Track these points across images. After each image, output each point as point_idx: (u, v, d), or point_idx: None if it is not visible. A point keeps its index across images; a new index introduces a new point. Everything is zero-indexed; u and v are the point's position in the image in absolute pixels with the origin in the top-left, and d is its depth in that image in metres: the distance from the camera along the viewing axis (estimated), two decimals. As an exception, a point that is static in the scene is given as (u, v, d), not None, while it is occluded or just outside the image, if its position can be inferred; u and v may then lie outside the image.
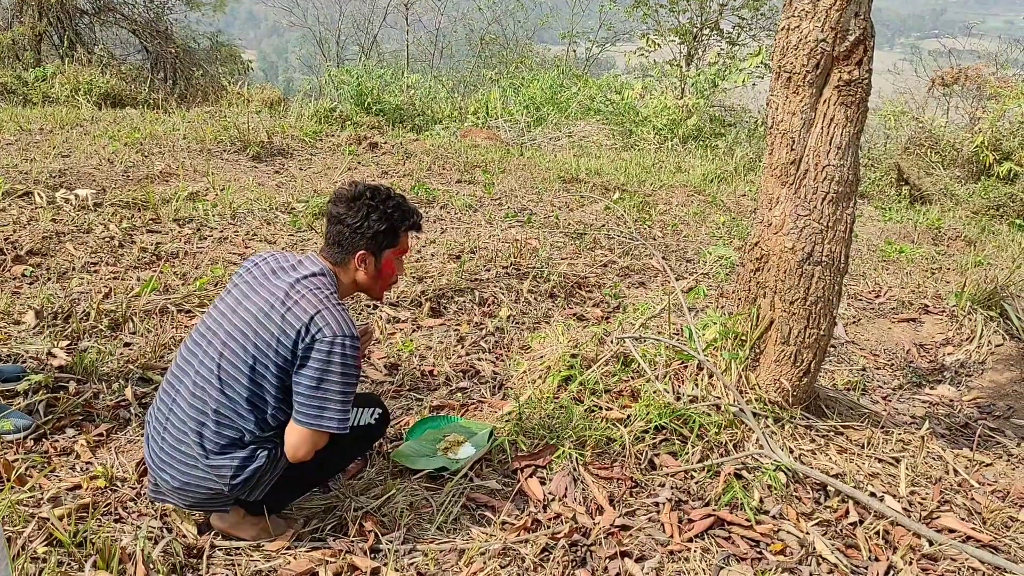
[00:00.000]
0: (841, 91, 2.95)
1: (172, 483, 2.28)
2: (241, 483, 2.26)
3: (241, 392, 2.24)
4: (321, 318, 2.21)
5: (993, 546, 2.69)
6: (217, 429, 2.25)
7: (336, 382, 2.22)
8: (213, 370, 2.26)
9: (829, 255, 3.05)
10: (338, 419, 2.24)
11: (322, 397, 2.22)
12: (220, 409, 2.24)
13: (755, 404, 3.20)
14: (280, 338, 2.21)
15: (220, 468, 2.25)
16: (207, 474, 2.25)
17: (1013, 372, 4.35)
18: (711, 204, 7.58)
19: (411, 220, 2.43)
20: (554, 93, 12.26)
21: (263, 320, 2.24)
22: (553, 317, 4.42)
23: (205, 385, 2.27)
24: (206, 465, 2.24)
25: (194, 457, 2.25)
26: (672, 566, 2.44)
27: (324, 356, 2.19)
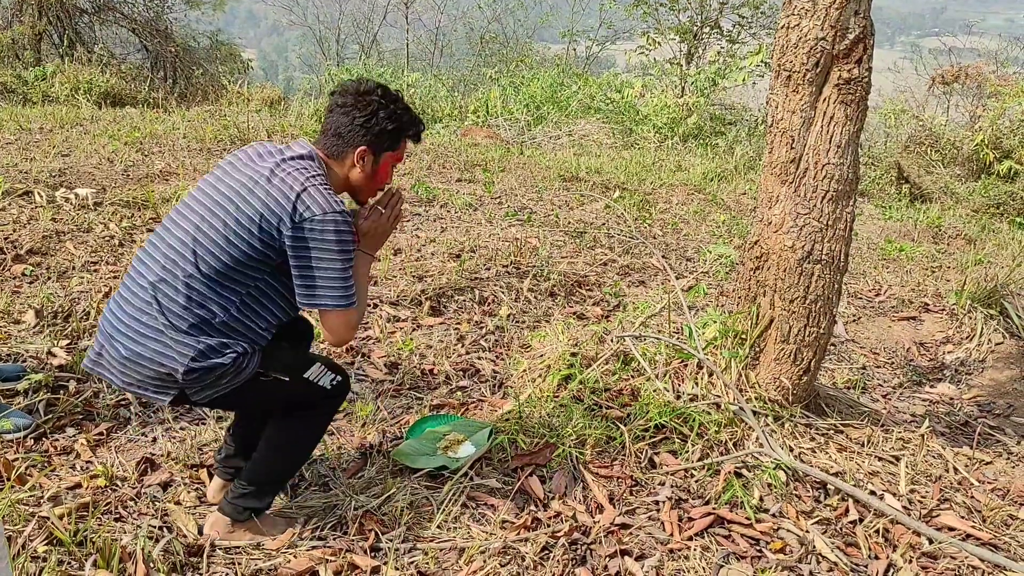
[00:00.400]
0: (841, 89, 2.95)
1: (121, 353, 2.13)
2: (199, 372, 2.11)
3: (215, 266, 2.11)
4: (308, 196, 2.11)
5: (993, 544, 2.69)
6: (186, 304, 2.11)
7: (332, 259, 2.13)
8: (188, 243, 2.13)
9: (829, 253, 3.05)
10: (343, 295, 2.17)
11: (325, 277, 2.14)
12: (191, 283, 2.11)
13: (755, 402, 3.21)
14: (264, 213, 2.10)
15: (183, 345, 2.10)
16: (165, 349, 2.10)
17: (1013, 370, 4.35)
18: (711, 202, 7.58)
19: (417, 127, 2.37)
20: (554, 92, 12.25)
21: (246, 195, 2.13)
22: (553, 316, 4.42)
23: (178, 258, 2.13)
24: (170, 339, 2.10)
25: (157, 329, 2.11)
26: (672, 564, 2.45)
27: (317, 236, 2.10)
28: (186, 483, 2.66)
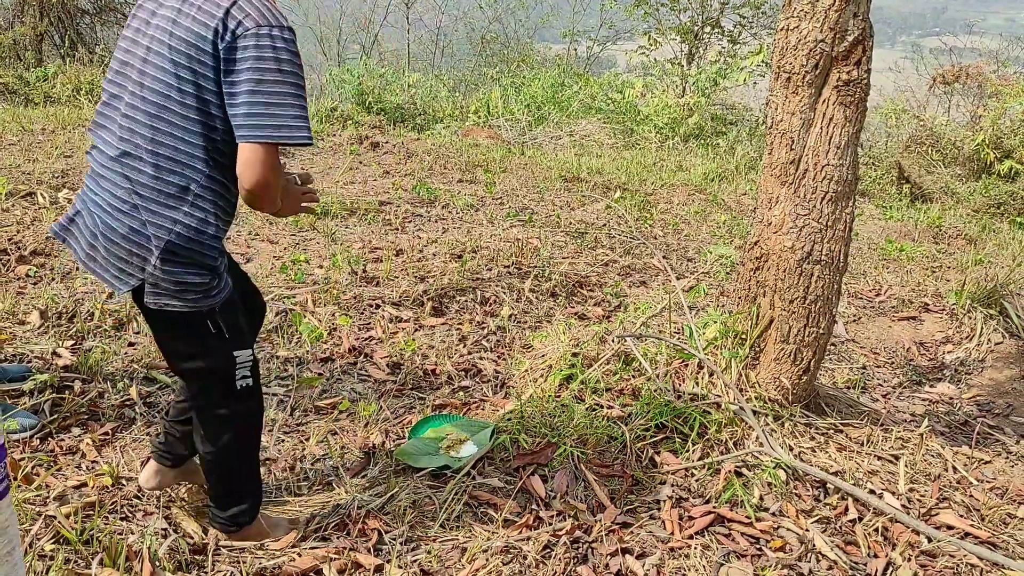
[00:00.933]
0: (840, 91, 2.97)
1: (97, 223, 2.01)
2: (173, 263, 1.96)
3: (172, 120, 1.92)
4: (239, 9, 1.86)
5: (991, 542, 2.71)
6: (155, 173, 1.94)
7: (275, 81, 1.85)
8: (137, 104, 1.95)
9: (828, 254, 3.07)
10: (291, 126, 1.88)
11: (265, 102, 1.85)
12: (154, 148, 1.93)
13: (755, 402, 3.23)
14: (201, 32, 1.87)
15: (161, 218, 1.95)
16: (141, 228, 1.96)
17: (1013, 370, 4.37)
18: (712, 203, 7.59)
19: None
20: (555, 92, 12.27)
21: (179, 19, 1.90)
22: (554, 316, 4.44)
23: (133, 124, 1.96)
24: (145, 215, 1.95)
25: (132, 205, 1.96)
26: (673, 563, 2.47)
27: (252, 53, 1.84)
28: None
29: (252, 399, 2.26)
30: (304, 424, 3.15)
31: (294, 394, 3.32)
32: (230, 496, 2.34)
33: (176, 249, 1.97)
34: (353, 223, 5.55)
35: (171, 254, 1.97)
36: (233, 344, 2.14)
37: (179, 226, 1.96)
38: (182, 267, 1.98)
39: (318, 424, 3.14)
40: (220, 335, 2.10)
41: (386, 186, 6.66)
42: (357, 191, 6.43)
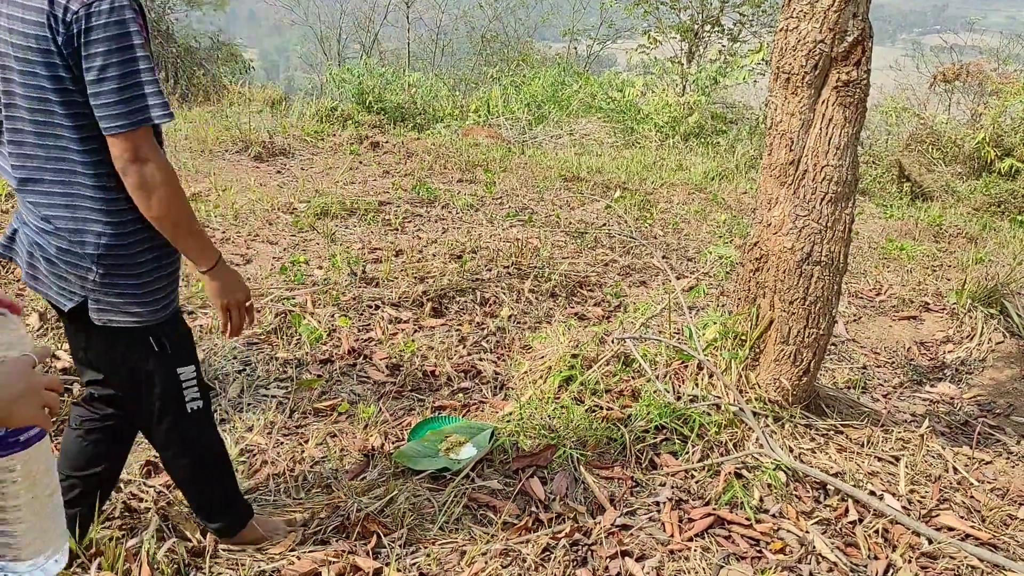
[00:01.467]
0: (840, 92, 2.96)
1: (28, 239, 1.90)
2: (112, 273, 1.86)
3: (52, 121, 1.76)
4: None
5: (992, 544, 2.71)
6: (63, 191, 1.80)
7: (119, 62, 1.68)
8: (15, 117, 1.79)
9: (828, 255, 3.06)
10: (148, 105, 1.71)
11: (116, 88, 1.68)
12: (48, 164, 1.79)
13: (755, 403, 3.22)
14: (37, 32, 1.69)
15: (86, 234, 1.82)
16: (71, 247, 1.84)
17: (1013, 370, 4.36)
18: (712, 202, 7.58)
19: None
20: (555, 91, 12.26)
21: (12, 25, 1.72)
22: (554, 317, 4.43)
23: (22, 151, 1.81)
24: (67, 237, 1.83)
25: (52, 229, 1.84)
26: (672, 565, 2.46)
27: (91, 38, 1.66)
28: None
29: (205, 424, 2.18)
30: (303, 426, 3.14)
31: (293, 396, 3.32)
32: (211, 508, 2.32)
33: (112, 261, 1.86)
34: (353, 223, 5.54)
35: (109, 267, 1.86)
36: (176, 361, 2.03)
37: (105, 238, 1.83)
38: (123, 279, 1.88)
39: (317, 426, 3.13)
40: (163, 352, 1.99)
41: (386, 186, 6.66)
42: (357, 191, 6.42)
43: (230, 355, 3.53)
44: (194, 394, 2.09)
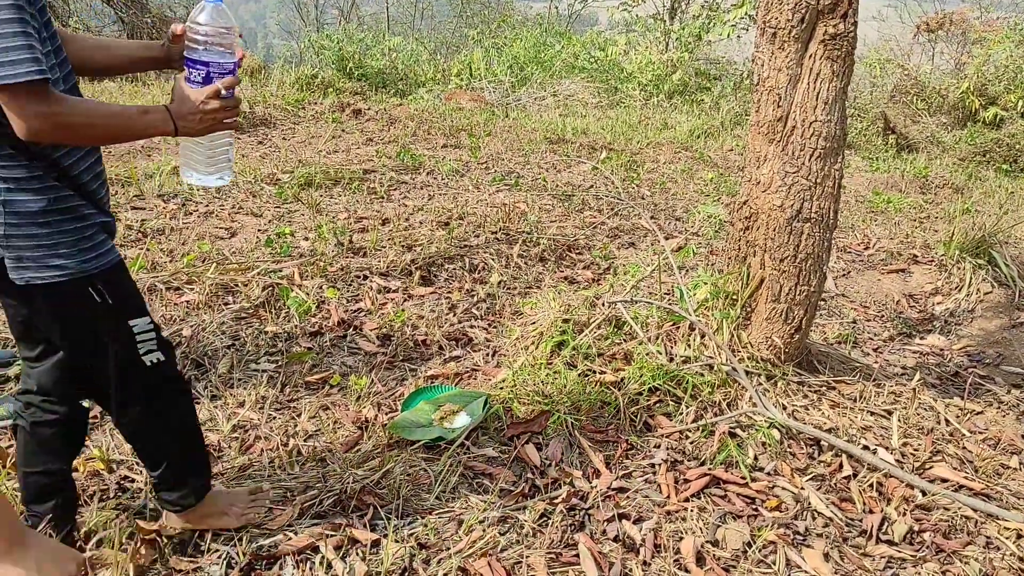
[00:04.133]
0: (827, 45, 2.92)
1: None
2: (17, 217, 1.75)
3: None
4: None
5: (985, 494, 2.73)
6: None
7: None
8: None
9: (818, 211, 3.04)
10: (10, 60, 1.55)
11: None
12: None
13: (747, 362, 3.22)
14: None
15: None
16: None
17: (1002, 319, 4.38)
18: (699, 160, 7.55)
19: None
20: (537, 52, 12.14)
21: None
22: (544, 281, 4.41)
23: None
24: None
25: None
26: (669, 526, 2.47)
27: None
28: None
29: (170, 381, 2.09)
30: (295, 400, 3.12)
31: (284, 370, 3.29)
32: (166, 477, 2.19)
33: (15, 211, 1.74)
34: (337, 193, 5.49)
35: (14, 219, 1.75)
36: (125, 312, 1.93)
37: (10, 183, 1.73)
38: (32, 229, 1.76)
39: (309, 400, 3.12)
40: (106, 304, 1.88)
41: (370, 154, 6.59)
42: (340, 160, 6.35)
43: (218, 330, 3.50)
44: (151, 346, 1.99)
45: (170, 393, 2.11)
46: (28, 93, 1.60)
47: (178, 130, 1.80)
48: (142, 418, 2.08)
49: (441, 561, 2.26)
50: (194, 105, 1.81)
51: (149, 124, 1.79)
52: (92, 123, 1.71)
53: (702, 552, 2.37)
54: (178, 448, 2.20)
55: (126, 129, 1.78)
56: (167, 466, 2.18)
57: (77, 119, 1.68)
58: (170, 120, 1.79)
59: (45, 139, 1.67)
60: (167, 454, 2.18)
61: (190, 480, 2.23)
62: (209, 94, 1.81)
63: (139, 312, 1.96)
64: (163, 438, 2.15)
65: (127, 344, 1.95)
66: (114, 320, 1.92)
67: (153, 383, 2.04)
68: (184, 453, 2.22)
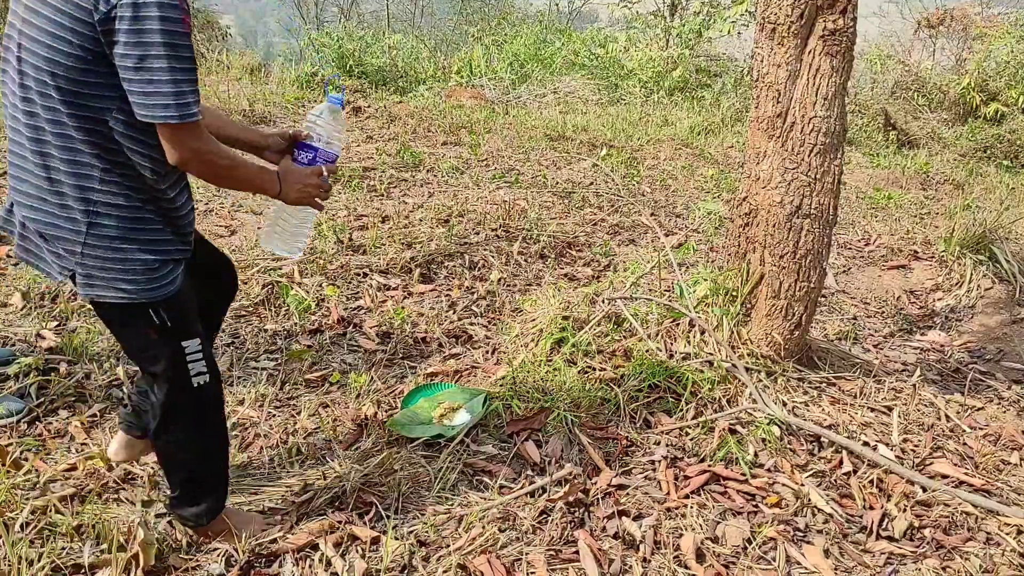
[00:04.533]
0: (826, 41, 2.91)
1: (20, 215, 1.92)
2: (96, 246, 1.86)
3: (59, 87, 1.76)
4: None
5: (986, 490, 2.73)
6: (62, 156, 1.82)
7: (159, 55, 1.71)
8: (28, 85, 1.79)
9: (818, 207, 3.04)
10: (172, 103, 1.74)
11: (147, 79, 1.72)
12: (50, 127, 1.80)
13: (747, 359, 3.22)
14: (73, 12, 1.70)
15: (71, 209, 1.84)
16: (55, 219, 1.86)
17: (1003, 315, 4.37)
18: (699, 157, 7.54)
19: None
20: (538, 49, 12.11)
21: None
22: (544, 278, 4.41)
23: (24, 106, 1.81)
24: (55, 203, 1.85)
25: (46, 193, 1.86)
26: (669, 523, 2.47)
27: (132, 26, 1.68)
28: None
29: (212, 402, 2.16)
30: (295, 398, 3.12)
31: (283, 368, 3.29)
32: (194, 493, 2.23)
33: (101, 233, 1.86)
34: (337, 190, 5.48)
35: (96, 239, 1.86)
36: (179, 334, 2.02)
37: (91, 216, 1.84)
38: (112, 253, 1.87)
39: (309, 397, 3.12)
40: (164, 326, 1.98)
41: (370, 151, 6.58)
42: (340, 157, 6.34)
43: (218, 328, 3.49)
44: (200, 368, 2.08)
45: (212, 418, 2.19)
46: (191, 130, 1.81)
47: (280, 193, 2.06)
48: (181, 439, 2.15)
49: (441, 558, 2.26)
50: (299, 177, 2.09)
51: (265, 181, 2.04)
52: (231, 166, 1.94)
53: (702, 549, 2.36)
54: (206, 471, 2.24)
55: (249, 180, 2.02)
56: (190, 486, 2.22)
57: (223, 161, 1.91)
58: (277, 183, 2.05)
59: (190, 171, 1.87)
60: (193, 475, 2.22)
61: (207, 500, 2.25)
62: (314, 172, 2.12)
63: (192, 335, 2.05)
64: (194, 460, 2.21)
65: (178, 364, 2.04)
66: (169, 340, 2.01)
67: (198, 406, 2.12)
68: (209, 476, 2.26)
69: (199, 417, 2.15)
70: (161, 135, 1.80)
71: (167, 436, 2.15)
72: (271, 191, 2.06)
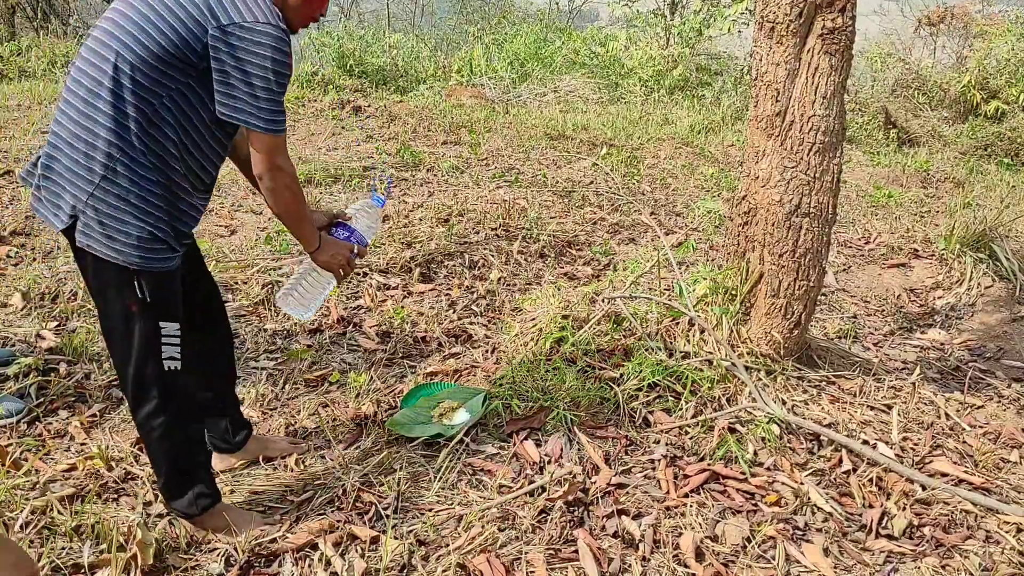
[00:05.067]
0: (825, 39, 2.91)
1: (45, 164, 2.02)
2: (104, 204, 1.96)
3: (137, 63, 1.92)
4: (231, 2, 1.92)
5: (985, 488, 2.72)
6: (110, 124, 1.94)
7: (267, 77, 1.94)
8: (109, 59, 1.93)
9: (817, 206, 3.04)
10: (270, 118, 1.98)
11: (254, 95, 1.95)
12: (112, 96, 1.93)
13: (747, 358, 3.22)
14: (184, 19, 1.91)
15: (94, 162, 1.94)
16: (76, 166, 1.96)
17: (1003, 313, 4.37)
18: (699, 156, 7.53)
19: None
20: (538, 48, 12.11)
21: (171, 5, 1.93)
22: (544, 277, 4.41)
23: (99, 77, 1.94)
24: (83, 156, 1.95)
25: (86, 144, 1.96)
26: (669, 522, 2.47)
27: (248, 47, 1.92)
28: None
29: (182, 391, 2.17)
30: (294, 398, 3.13)
31: (283, 367, 3.30)
32: (177, 484, 2.24)
33: (114, 190, 1.96)
34: (337, 190, 5.49)
35: (106, 193, 1.96)
36: (159, 312, 2.06)
37: (124, 167, 1.95)
38: (118, 212, 1.96)
39: (309, 397, 3.12)
40: (144, 301, 2.03)
41: (370, 151, 6.58)
42: (340, 157, 6.34)
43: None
44: (174, 353, 2.11)
45: (183, 404, 2.19)
46: (281, 146, 2.06)
47: (316, 251, 2.30)
48: (155, 423, 2.15)
49: (440, 558, 2.26)
50: (335, 246, 2.35)
51: (310, 230, 2.27)
52: (293, 195, 2.14)
53: (701, 547, 2.36)
54: (185, 460, 2.24)
55: (301, 221, 2.23)
56: (173, 474, 2.23)
57: (293, 186, 2.13)
58: (318, 240, 2.29)
59: (264, 179, 2.08)
60: (175, 464, 2.22)
61: (193, 489, 2.25)
62: (348, 247, 2.38)
63: (172, 318, 2.10)
64: (172, 448, 2.20)
65: (152, 341, 2.07)
66: (147, 316, 2.05)
67: (166, 386, 2.12)
68: (190, 465, 2.26)
69: (168, 398, 2.14)
70: (257, 143, 2.02)
71: (140, 416, 2.15)
72: (310, 243, 2.28)
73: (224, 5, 1.92)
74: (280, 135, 2.04)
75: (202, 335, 2.37)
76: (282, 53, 1.95)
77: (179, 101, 1.98)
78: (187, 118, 2.00)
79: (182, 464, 2.24)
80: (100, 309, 2.11)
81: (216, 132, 2.07)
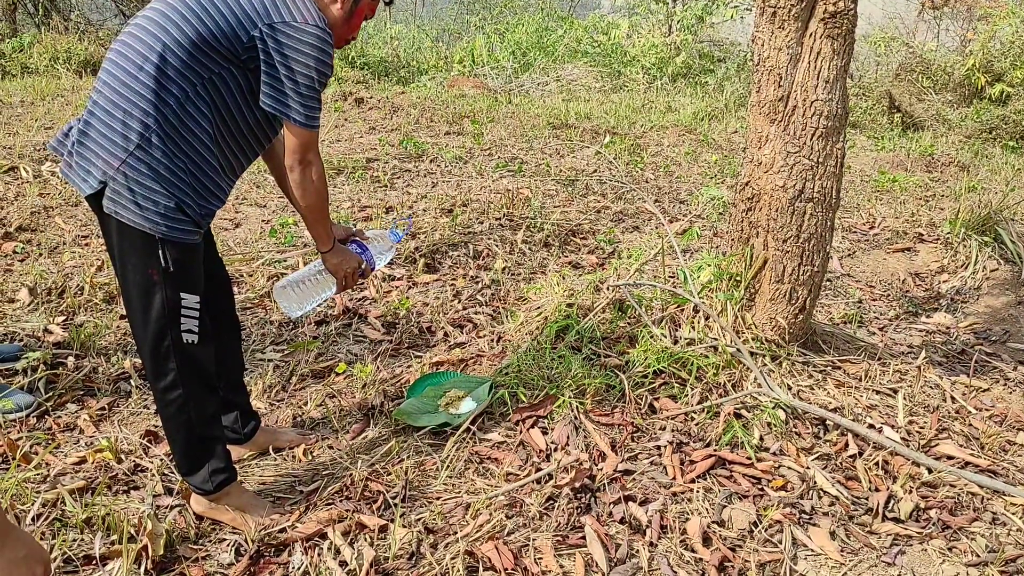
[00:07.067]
0: (827, 23, 2.90)
1: (80, 129, 2.07)
2: (135, 169, 2.00)
3: (182, 45, 2.00)
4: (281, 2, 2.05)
5: (991, 470, 2.73)
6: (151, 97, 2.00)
7: (309, 74, 2.06)
8: (155, 45, 2.01)
9: (820, 191, 3.04)
10: (308, 113, 2.10)
11: (295, 91, 2.07)
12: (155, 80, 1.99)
13: (752, 343, 3.22)
14: (236, 11, 2.03)
15: (129, 130, 2.00)
16: (111, 132, 2.01)
17: (1008, 296, 4.37)
18: (702, 143, 7.52)
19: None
20: (540, 37, 12.10)
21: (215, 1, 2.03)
22: (548, 266, 4.41)
23: (143, 63, 2.01)
24: (120, 123, 2.01)
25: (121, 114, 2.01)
26: (676, 507, 2.48)
27: (294, 45, 2.04)
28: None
29: (201, 364, 2.20)
30: (301, 389, 3.14)
31: (289, 359, 3.31)
32: (192, 459, 2.27)
33: (147, 160, 2.01)
34: (341, 182, 5.49)
35: (139, 161, 2.00)
36: (180, 283, 2.10)
37: (161, 139, 2.01)
38: (148, 181, 2.01)
39: (315, 388, 3.13)
40: (167, 270, 2.07)
41: (372, 142, 6.59)
42: (343, 149, 6.35)
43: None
44: (192, 325, 2.15)
45: (200, 379, 2.21)
46: (315, 141, 2.18)
47: (327, 252, 2.41)
48: (173, 396, 2.18)
49: (448, 545, 2.27)
50: (346, 254, 2.47)
51: (328, 230, 2.37)
52: (319, 192, 2.25)
53: (708, 532, 2.37)
54: (201, 432, 2.26)
55: (323, 218, 2.33)
56: (188, 449, 2.26)
57: (320, 181, 2.24)
58: (332, 243, 2.41)
59: (294, 171, 2.19)
60: (190, 437, 2.24)
61: (207, 464, 2.28)
62: (358, 259, 2.50)
63: (193, 290, 2.14)
64: (189, 422, 2.22)
65: (173, 312, 2.10)
66: (169, 285, 2.09)
67: (184, 357, 2.16)
68: (205, 438, 2.28)
69: (185, 370, 2.17)
70: (293, 136, 2.14)
71: (158, 389, 2.18)
72: (325, 243, 2.39)
73: (277, 5, 2.04)
74: (315, 131, 2.15)
75: (212, 325, 2.37)
76: (326, 54, 2.07)
77: (219, 85, 2.06)
78: (224, 103, 2.09)
79: (197, 437, 2.26)
80: (122, 278, 2.14)
81: (251, 120, 2.16)
